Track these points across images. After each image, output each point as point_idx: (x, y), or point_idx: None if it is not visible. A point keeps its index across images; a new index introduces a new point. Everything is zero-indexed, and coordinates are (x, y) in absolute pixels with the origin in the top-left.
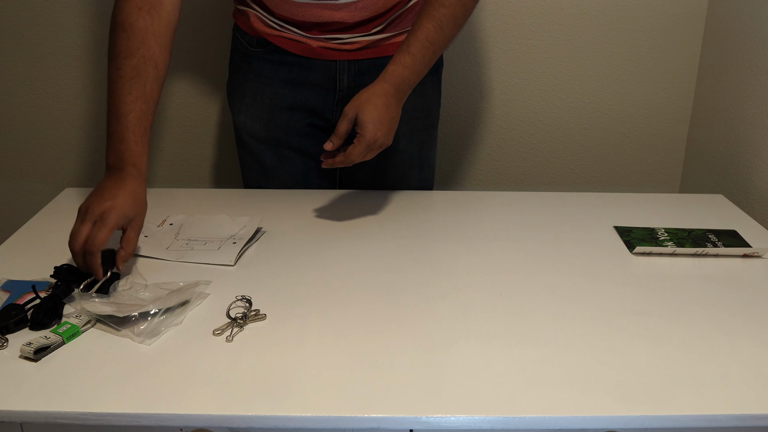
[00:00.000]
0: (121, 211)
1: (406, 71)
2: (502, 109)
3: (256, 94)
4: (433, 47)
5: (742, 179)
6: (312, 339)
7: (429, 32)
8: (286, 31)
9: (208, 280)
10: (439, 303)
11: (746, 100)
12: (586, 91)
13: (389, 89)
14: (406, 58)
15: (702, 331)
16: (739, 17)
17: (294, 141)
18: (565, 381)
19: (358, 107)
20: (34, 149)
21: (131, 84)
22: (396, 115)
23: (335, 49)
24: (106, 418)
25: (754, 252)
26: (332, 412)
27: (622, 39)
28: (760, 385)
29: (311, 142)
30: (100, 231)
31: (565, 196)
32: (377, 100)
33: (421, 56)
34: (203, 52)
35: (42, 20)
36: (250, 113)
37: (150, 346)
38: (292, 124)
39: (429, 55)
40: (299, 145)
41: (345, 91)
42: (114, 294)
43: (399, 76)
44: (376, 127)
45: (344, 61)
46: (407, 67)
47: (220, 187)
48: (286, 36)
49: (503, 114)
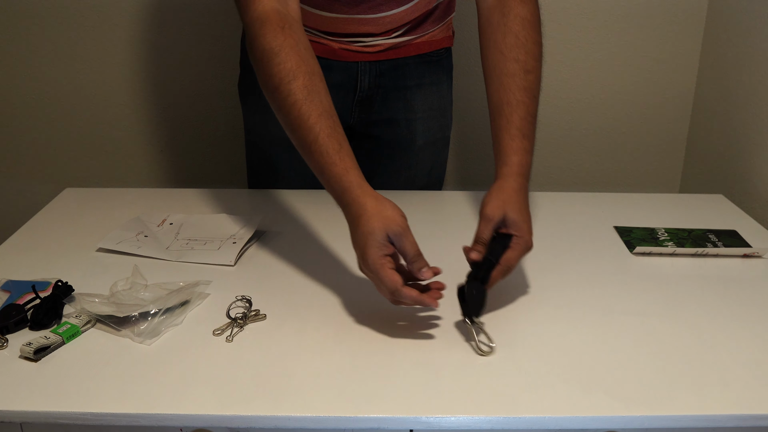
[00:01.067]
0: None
1: (529, 157)
2: None
3: None
4: (535, 118)
5: (742, 179)
6: (312, 339)
7: (528, 106)
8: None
9: (208, 280)
10: (440, 302)
11: (746, 100)
12: (586, 91)
13: (524, 183)
14: (525, 142)
15: (702, 331)
16: (739, 17)
17: None
18: (565, 381)
19: (504, 208)
20: (34, 149)
21: (307, 107)
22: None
23: (357, 50)
24: (105, 418)
25: (754, 252)
26: (332, 412)
27: (622, 39)
28: (760, 385)
29: None
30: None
31: (565, 196)
32: (518, 197)
33: (532, 133)
34: (203, 51)
35: (42, 20)
36: (264, 114)
37: (150, 346)
38: None
39: (534, 127)
40: None
41: (365, 92)
42: (114, 294)
43: (527, 164)
44: (530, 227)
45: (365, 62)
46: (529, 152)
47: (220, 187)
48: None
49: None
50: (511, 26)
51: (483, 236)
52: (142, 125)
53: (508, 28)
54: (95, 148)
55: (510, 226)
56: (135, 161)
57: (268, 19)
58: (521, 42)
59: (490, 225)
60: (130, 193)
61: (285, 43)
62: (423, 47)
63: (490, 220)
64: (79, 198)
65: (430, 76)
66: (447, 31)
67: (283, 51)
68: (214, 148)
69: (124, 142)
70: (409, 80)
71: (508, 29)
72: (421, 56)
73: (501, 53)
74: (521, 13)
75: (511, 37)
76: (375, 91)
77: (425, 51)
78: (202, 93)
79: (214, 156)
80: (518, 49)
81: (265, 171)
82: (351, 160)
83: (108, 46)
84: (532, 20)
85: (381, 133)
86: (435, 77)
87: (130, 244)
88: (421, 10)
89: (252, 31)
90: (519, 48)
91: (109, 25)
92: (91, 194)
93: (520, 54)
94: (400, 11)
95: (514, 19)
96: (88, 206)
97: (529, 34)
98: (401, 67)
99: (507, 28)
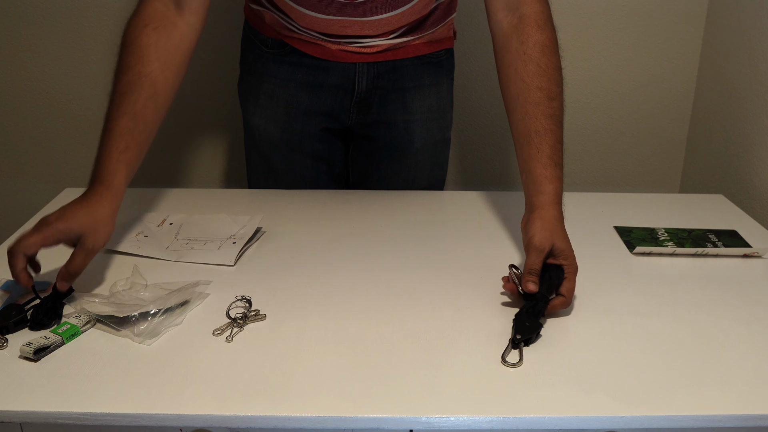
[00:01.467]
0: (65, 224)
1: (562, 184)
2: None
3: (271, 97)
4: (562, 145)
5: (742, 179)
6: (312, 339)
7: (556, 133)
8: (304, 33)
9: (208, 280)
10: (440, 303)
11: (746, 100)
12: (586, 91)
13: (561, 211)
14: (557, 171)
15: (702, 331)
16: (739, 17)
17: (307, 145)
18: (565, 381)
19: (552, 238)
20: (34, 149)
21: (121, 99)
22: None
23: (354, 51)
24: (105, 419)
25: (754, 252)
26: (332, 412)
27: (622, 39)
28: (760, 385)
29: (324, 146)
30: (30, 235)
31: (566, 196)
32: (561, 225)
33: (562, 161)
34: (204, 51)
35: (42, 20)
36: (264, 115)
37: (150, 346)
38: (307, 128)
39: (563, 154)
40: (312, 149)
41: (363, 94)
42: (114, 294)
43: (561, 192)
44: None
45: (363, 63)
46: (561, 180)
47: (220, 187)
48: (304, 38)
49: (504, 114)
50: (531, 54)
51: (536, 267)
52: None
53: (528, 57)
54: (95, 148)
55: (559, 255)
56: None
57: (141, 12)
58: (543, 69)
59: (541, 256)
60: (130, 193)
61: (137, 40)
62: (422, 49)
63: (541, 251)
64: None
65: (429, 78)
66: (448, 31)
67: (131, 45)
68: (214, 148)
69: None
70: (408, 82)
71: (528, 57)
72: (421, 58)
73: (523, 82)
74: (540, 39)
75: (532, 66)
76: (373, 93)
77: (425, 53)
78: (203, 93)
79: (214, 156)
80: (540, 77)
81: (264, 171)
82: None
83: (108, 46)
84: (551, 46)
85: (379, 134)
86: (434, 78)
87: (130, 244)
88: (418, 13)
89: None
90: (541, 76)
91: (109, 24)
92: None
93: (542, 82)
94: (396, 14)
95: (533, 46)
96: None
97: (549, 61)
98: (399, 69)
99: (527, 57)
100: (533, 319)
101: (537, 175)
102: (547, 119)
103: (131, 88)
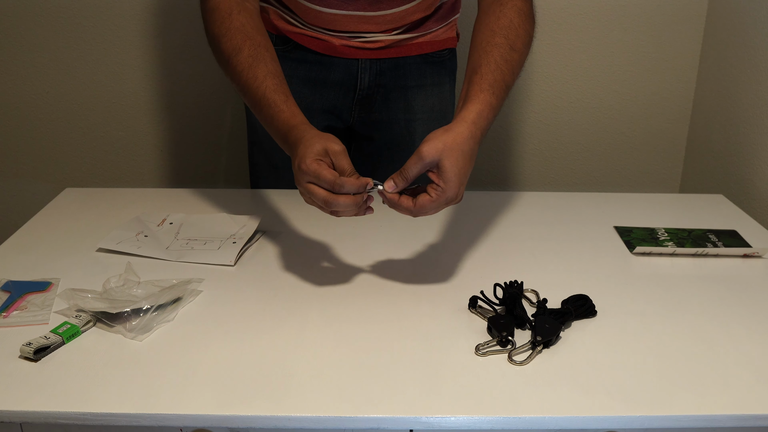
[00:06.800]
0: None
1: (492, 114)
2: (503, 109)
3: None
4: (507, 92)
5: (742, 179)
6: (312, 339)
7: (506, 75)
8: (307, 29)
9: (201, 277)
10: (440, 303)
11: (746, 100)
12: (586, 91)
13: (476, 133)
14: (493, 99)
15: (702, 331)
16: (739, 17)
17: None
18: (565, 381)
19: (442, 153)
20: (34, 149)
21: (252, 71)
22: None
23: (357, 47)
24: (105, 418)
25: (754, 252)
26: (332, 412)
27: (622, 39)
28: (760, 385)
29: None
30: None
31: (565, 196)
32: (465, 146)
33: (501, 98)
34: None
35: (42, 20)
36: None
37: (142, 342)
38: None
39: (504, 100)
40: None
41: (365, 91)
42: (107, 290)
43: (486, 118)
44: (460, 181)
45: (366, 60)
46: (494, 109)
47: (221, 186)
48: (308, 34)
49: (504, 114)
50: (507, 12)
51: (408, 172)
52: (142, 125)
53: (503, 14)
54: (95, 148)
55: (440, 175)
56: (135, 161)
57: (216, 8)
58: (514, 26)
59: (419, 164)
60: (130, 193)
61: (232, 25)
62: (425, 47)
63: (420, 159)
64: (79, 198)
65: (432, 77)
66: (451, 31)
67: (228, 32)
68: (215, 148)
69: (124, 142)
70: (410, 80)
71: (503, 14)
72: (423, 56)
73: (491, 31)
74: (518, 4)
75: (505, 20)
76: (375, 91)
77: (427, 51)
78: (203, 93)
79: (214, 156)
80: (509, 30)
81: (268, 171)
82: (297, 108)
83: (108, 46)
84: (527, 12)
85: (380, 134)
86: (437, 78)
87: (130, 244)
88: (422, 11)
89: (204, 20)
90: (510, 30)
91: (109, 25)
92: (91, 194)
93: (510, 34)
94: (400, 10)
95: (511, 8)
96: (88, 206)
97: (522, 22)
98: (402, 67)
99: (502, 14)
100: (554, 322)
101: (470, 94)
102: (503, 61)
103: (255, 59)
